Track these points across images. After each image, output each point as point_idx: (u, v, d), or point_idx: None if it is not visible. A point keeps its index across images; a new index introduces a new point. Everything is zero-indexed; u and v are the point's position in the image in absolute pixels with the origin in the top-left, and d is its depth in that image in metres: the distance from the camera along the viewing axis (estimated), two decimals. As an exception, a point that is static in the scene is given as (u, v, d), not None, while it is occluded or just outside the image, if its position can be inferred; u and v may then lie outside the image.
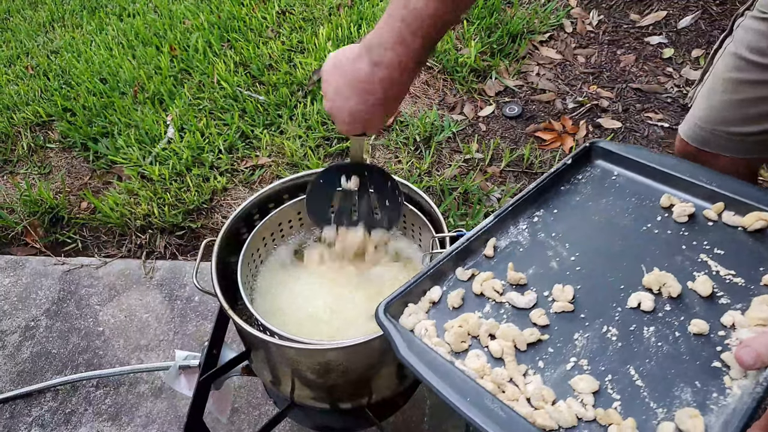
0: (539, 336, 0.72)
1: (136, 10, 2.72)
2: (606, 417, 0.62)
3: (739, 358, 0.61)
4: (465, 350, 0.73)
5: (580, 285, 0.78)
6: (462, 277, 0.81)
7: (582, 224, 0.86)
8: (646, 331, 0.71)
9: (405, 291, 0.78)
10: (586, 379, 0.66)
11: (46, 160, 2.10)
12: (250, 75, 2.25)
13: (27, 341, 1.60)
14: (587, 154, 0.95)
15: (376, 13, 2.42)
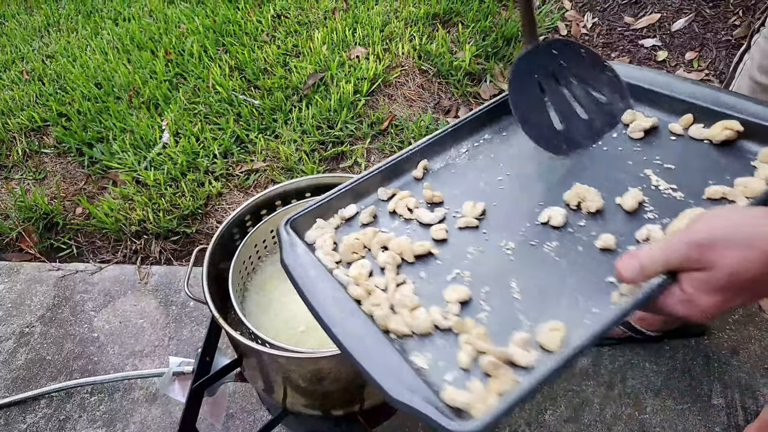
0: (430, 248, 0.69)
1: (132, 15, 2.72)
2: (460, 325, 0.59)
3: (619, 271, 0.55)
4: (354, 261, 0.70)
5: (497, 203, 0.74)
6: (382, 196, 0.78)
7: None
8: (547, 246, 0.67)
9: (315, 207, 0.75)
10: (459, 289, 0.63)
11: (41, 165, 2.10)
12: (245, 79, 2.25)
13: (21, 348, 1.60)
14: None
15: (371, 17, 2.42)
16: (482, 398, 0.51)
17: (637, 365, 1.43)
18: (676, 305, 0.54)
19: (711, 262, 0.50)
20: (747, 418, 1.32)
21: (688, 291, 0.52)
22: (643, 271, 0.54)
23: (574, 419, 1.35)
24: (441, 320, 0.60)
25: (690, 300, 0.53)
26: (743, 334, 1.47)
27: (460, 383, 0.54)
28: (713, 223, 0.52)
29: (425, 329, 0.60)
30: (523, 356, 0.54)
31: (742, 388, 1.38)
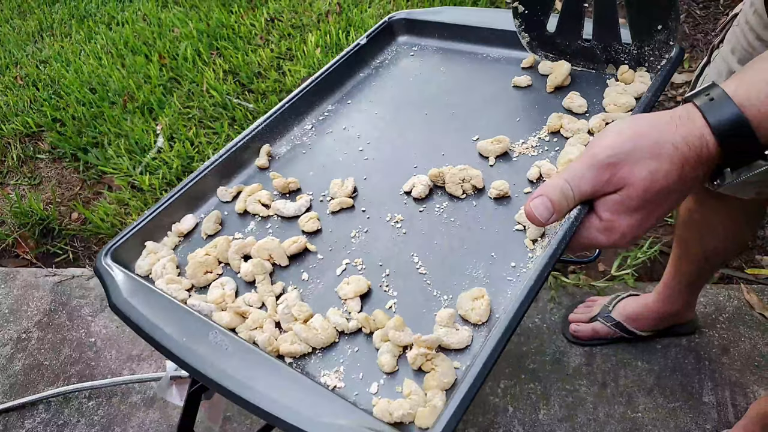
0: (305, 244, 0.60)
1: (125, 19, 2.73)
2: (369, 323, 0.50)
3: (530, 214, 0.49)
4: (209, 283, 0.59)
5: (366, 175, 0.67)
6: (224, 197, 0.68)
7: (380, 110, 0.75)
8: (438, 209, 0.60)
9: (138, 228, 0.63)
10: (355, 280, 0.54)
11: (36, 170, 2.11)
12: (239, 83, 2.26)
13: (19, 353, 1.61)
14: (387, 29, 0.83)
15: (364, 20, 2.43)
16: (423, 401, 0.43)
17: (630, 364, 1.45)
18: (597, 236, 0.50)
19: (623, 180, 0.47)
20: (737, 415, 1.34)
21: (605, 217, 0.48)
22: (556, 207, 0.48)
23: (568, 418, 1.37)
24: (344, 323, 0.50)
25: (610, 227, 0.49)
26: (733, 332, 1.49)
27: (389, 391, 0.46)
28: (615, 139, 0.47)
29: (327, 339, 0.50)
30: (455, 336, 0.46)
31: (732, 386, 1.40)
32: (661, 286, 1.38)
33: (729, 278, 1.61)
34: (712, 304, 1.54)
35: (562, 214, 0.48)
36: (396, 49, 0.83)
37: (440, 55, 0.81)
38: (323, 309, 0.53)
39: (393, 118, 0.74)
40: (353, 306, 0.52)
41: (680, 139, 0.45)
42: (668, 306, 1.38)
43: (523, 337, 1.51)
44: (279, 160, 0.71)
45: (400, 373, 0.46)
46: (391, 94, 0.77)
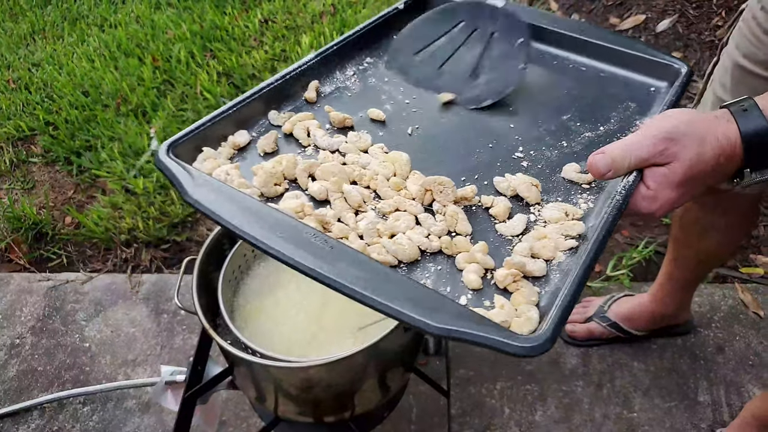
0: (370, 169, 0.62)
1: (118, 21, 2.71)
2: (452, 246, 0.55)
3: (592, 165, 0.57)
4: (279, 195, 0.60)
5: (419, 125, 0.71)
6: (276, 121, 0.70)
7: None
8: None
9: (195, 132, 0.64)
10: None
11: (29, 174, 2.10)
12: (233, 85, 2.25)
13: (13, 359, 1.60)
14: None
15: (358, 21, 2.43)
16: (515, 313, 0.48)
17: (626, 365, 1.45)
18: (641, 202, 0.57)
19: (674, 155, 0.54)
20: (732, 414, 1.34)
21: (651, 186, 0.56)
22: (615, 164, 0.56)
23: (565, 419, 1.37)
24: (427, 242, 0.54)
25: (653, 196, 0.56)
26: (728, 331, 1.49)
27: (478, 303, 0.50)
28: (672, 121, 0.55)
29: (413, 254, 0.53)
30: (535, 265, 0.53)
31: (727, 385, 1.40)
32: (655, 286, 1.38)
33: (723, 277, 1.62)
34: (707, 304, 1.55)
35: (618, 172, 0.56)
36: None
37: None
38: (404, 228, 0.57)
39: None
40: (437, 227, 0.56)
41: (721, 134, 0.54)
42: (663, 306, 1.39)
43: (518, 339, 1.51)
44: (326, 97, 0.74)
45: (485, 291, 0.51)
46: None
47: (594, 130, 0.70)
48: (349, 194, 0.58)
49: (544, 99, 0.75)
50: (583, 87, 0.77)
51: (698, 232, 1.18)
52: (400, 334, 0.92)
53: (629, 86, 0.77)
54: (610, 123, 0.71)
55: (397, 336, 0.91)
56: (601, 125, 0.71)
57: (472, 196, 0.60)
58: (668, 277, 1.33)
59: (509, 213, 0.60)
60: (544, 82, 0.78)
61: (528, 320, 0.47)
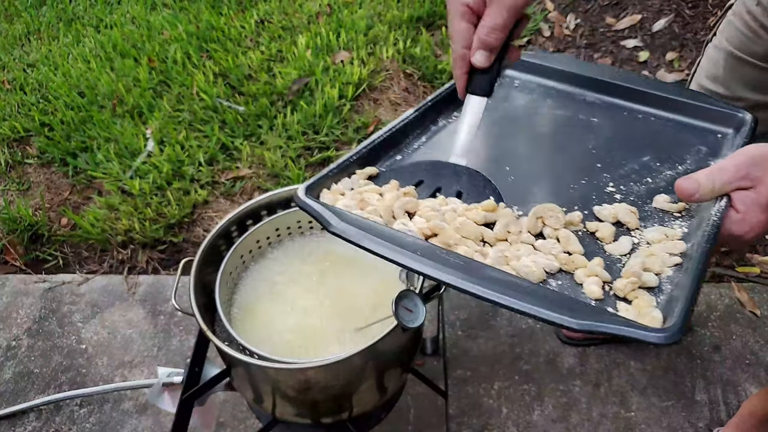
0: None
1: (114, 22, 2.70)
2: (570, 263, 0.61)
3: (679, 187, 0.61)
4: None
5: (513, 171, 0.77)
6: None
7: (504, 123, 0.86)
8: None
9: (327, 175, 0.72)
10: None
11: (25, 176, 2.09)
12: (229, 86, 2.25)
13: (9, 361, 1.59)
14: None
15: (355, 21, 2.43)
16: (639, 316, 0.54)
17: (623, 364, 1.45)
18: (732, 226, 0.60)
19: (758, 179, 0.58)
20: (729, 413, 1.35)
21: (740, 209, 0.59)
22: (701, 187, 0.60)
23: (562, 419, 1.37)
24: (550, 263, 0.61)
25: (743, 218, 0.59)
26: (725, 330, 1.50)
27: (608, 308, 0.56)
28: (753, 149, 0.60)
29: (540, 276, 0.60)
30: (649, 278, 0.59)
31: (724, 384, 1.41)
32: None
33: (720, 276, 1.62)
34: (704, 303, 1.55)
35: (704, 194, 0.60)
36: (501, 81, 0.94)
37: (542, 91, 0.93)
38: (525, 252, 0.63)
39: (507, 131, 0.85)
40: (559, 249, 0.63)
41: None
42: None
43: (516, 339, 1.51)
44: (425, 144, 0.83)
45: (606, 301, 0.57)
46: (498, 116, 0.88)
47: (674, 169, 0.75)
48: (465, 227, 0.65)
49: (622, 145, 0.80)
50: (656, 134, 0.83)
51: None
52: (397, 335, 0.92)
53: (697, 133, 0.82)
54: (687, 163, 0.76)
55: (394, 337, 0.91)
56: (679, 165, 0.76)
57: (578, 222, 0.66)
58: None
59: (614, 236, 0.65)
60: (620, 131, 0.83)
61: (654, 319, 0.53)
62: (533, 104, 0.89)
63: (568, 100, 0.89)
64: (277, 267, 1.13)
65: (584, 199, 0.70)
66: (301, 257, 1.14)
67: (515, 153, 0.81)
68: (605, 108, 0.87)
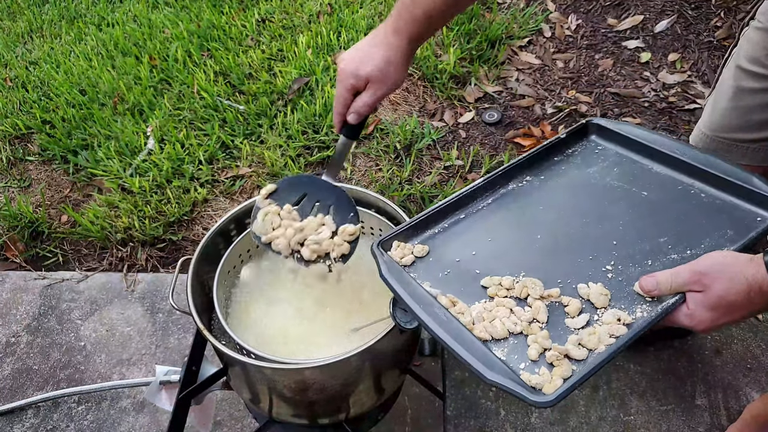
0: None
1: (116, 20, 2.70)
2: (528, 330, 0.78)
3: (642, 284, 0.76)
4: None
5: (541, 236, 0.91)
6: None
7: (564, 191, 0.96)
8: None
9: (397, 232, 0.91)
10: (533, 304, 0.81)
11: (26, 173, 2.09)
12: (230, 84, 2.25)
13: (8, 357, 1.59)
14: (583, 129, 1.04)
15: (355, 20, 2.42)
16: (549, 380, 0.70)
17: (622, 367, 1.45)
18: (683, 318, 0.73)
19: (706, 286, 0.70)
20: (730, 418, 1.34)
21: (690, 307, 0.72)
22: (659, 286, 0.74)
23: (561, 422, 1.37)
24: (513, 327, 0.78)
25: (692, 314, 0.72)
26: (726, 334, 1.49)
27: (531, 370, 0.73)
28: (710, 260, 0.72)
29: (503, 334, 0.77)
30: (577, 352, 0.73)
31: (725, 388, 1.40)
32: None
33: (721, 279, 1.61)
34: (704, 306, 1.54)
35: (663, 292, 0.74)
36: (586, 146, 1.04)
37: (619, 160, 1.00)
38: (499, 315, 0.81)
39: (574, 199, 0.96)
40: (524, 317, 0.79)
41: (751, 275, 0.68)
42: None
43: (515, 340, 1.51)
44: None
45: (539, 363, 0.73)
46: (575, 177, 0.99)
47: (681, 253, 0.82)
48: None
49: (653, 222, 0.88)
50: (693, 212, 0.88)
51: None
52: (394, 337, 0.91)
53: (737, 214, 0.86)
54: (699, 248, 0.82)
55: (391, 338, 0.90)
56: (689, 249, 0.83)
57: (556, 295, 0.81)
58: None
59: (580, 311, 0.79)
60: (660, 208, 0.90)
61: (553, 385, 0.69)
62: (601, 172, 0.98)
63: (636, 170, 0.97)
64: (275, 266, 1.13)
65: (579, 274, 0.83)
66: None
67: (553, 221, 0.92)
68: (664, 181, 0.94)
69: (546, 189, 0.97)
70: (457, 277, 0.87)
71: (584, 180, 0.97)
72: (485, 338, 0.77)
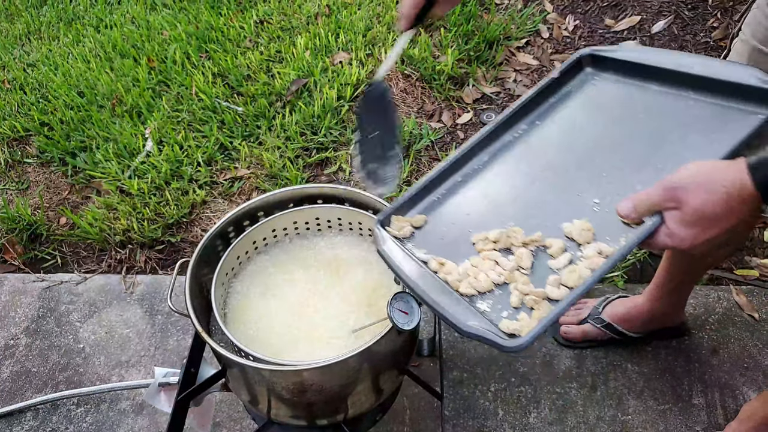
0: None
1: (114, 22, 2.70)
2: (511, 277, 0.78)
3: (619, 209, 0.74)
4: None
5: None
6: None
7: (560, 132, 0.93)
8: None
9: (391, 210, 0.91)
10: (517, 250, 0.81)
11: (24, 175, 2.09)
12: (228, 86, 2.25)
13: (7, 360, 1.59)
14: (577, 64, 0.98)
15: (354, 22, 2.43)
16: (528, 324, 0.71)
17: (620, 367, 1.45)
18: (664, 239, 0.70)
19: (681, 201, 0.67)
20: (727, 417, 1.35)
21: (670, 226, 0.69)
22: (636, 209, 0.72)
23: (558, 421, 1.37)
24: (498, 278, 0.78)
25: (672, 233, 0.69)
26: (723, 333, 1.50)
27: (513, 317, 0.74)
28: (683, 173, 0.68)
29: (488, 286, 0.78)
30: (556, 292, 0.73)
31: (722, 387, 1.40)
32: (651, 286, 1.38)
33: (718, 279, 1.62)
34: (702, 306, 1.55)
35: (640, 215, 0.72)
36: (582, 79, 0.98)
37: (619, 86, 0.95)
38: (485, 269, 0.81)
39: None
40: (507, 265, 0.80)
41: (729, 182, 0.64)
42: (658, 306, 1.39)
43: (513, 340, 1.51)
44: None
45: (521, 309, 0.74)
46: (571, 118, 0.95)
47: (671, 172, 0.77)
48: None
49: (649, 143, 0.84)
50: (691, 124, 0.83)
51: None
52: (392, 337, 0.92)
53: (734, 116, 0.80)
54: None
55: (389, 339, 0.91)
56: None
57: (539, 239, 0.80)
58: (664, 276, 1.34)
59: (563, 251, 0.78)
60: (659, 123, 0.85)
61: (530, 329, 0.69)
62: (597, 104, 0.93)
63: (634, 93, 0.91)
64: (273, 268, 1.13)
65: (566, 213, 0.81)
66: (296, 259, 1.14)
67: (548, 165, 0.89)
68: (661, 100, 0.89)
69: (542, 134, 0.94)
70: (452, 240, 0.86)
71: (580, 117, 0.93)
72: (470, 294, 0.78)
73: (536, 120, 0.96)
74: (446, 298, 0.77)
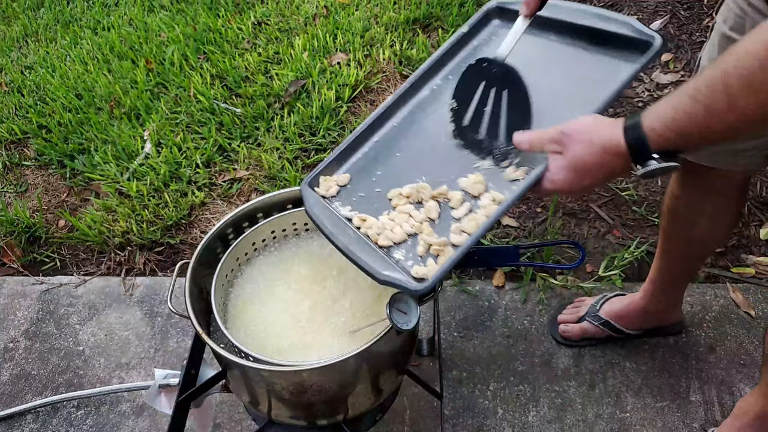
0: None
1: (111, 23, 2.71)
2: (419, 229, 0.88)
3: (516, 141, 0.82)
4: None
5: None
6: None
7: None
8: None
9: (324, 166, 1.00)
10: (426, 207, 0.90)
11: (22, 178, 2.09)
12: (226, 87, 2.26)
13: (6, 363, 1.60)
14: (485, 17, 1.03)
15: (351, 23, 2.43)
16: (434, 269, 0.82)
17: (618, 364, 1.46)
18: (546, 183, 0.78)
19: (566, 147, 0.75)
20: (724, 413, 1.35)
21: (551, 170, 0.77)
22: (531, 142, 0.81)
23: (557, 419, 1.38)
24: (410, 229, 0.89)
25: (552, 178, 0.77)
26: (719, 331, 1.50)
27: (422, 263, 0.85)
28: (575, 123, 0.75)
29: (402, 238, 0.89)
30: (457, 239, 0.84)
31: (718, 384, 1.41)
32: (647, 283, 1.39)
33: (715, 277, 1.63)
34: (699, 304, 1.56)
35: (534, 148, 0.80)
36: (491, 32, 1.03)
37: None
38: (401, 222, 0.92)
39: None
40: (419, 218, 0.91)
41: (606, 137, 0.72)
42: (654, 302, 1.39)
43: (511, 340, 1.52)
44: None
45: (427, 257, 0.85)
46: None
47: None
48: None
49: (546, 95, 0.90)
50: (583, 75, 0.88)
51: (687, 220, 1.19)
52: (392, 338, 0.92)
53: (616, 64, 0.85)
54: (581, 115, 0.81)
55: (389, 339, 0.91)
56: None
57: (445, 192, 0.90)
58: (659, 272, 1.34)
59: (461, 202, 0.88)
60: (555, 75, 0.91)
61: (434, 272, 0.82)
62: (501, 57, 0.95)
63: (538, 45, 0.95)
64: (273, 269, 1.14)
65: (464, 168, 0.90)
66: (296, 259, 1.14)
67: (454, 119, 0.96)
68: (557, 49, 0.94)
69: (452, 89, 0.99)
70: (370, 196, 0.95)
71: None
72: (387, 245, 0.87)
73: (449, 74, 1.01)
74: (366, 251, 0.87)
